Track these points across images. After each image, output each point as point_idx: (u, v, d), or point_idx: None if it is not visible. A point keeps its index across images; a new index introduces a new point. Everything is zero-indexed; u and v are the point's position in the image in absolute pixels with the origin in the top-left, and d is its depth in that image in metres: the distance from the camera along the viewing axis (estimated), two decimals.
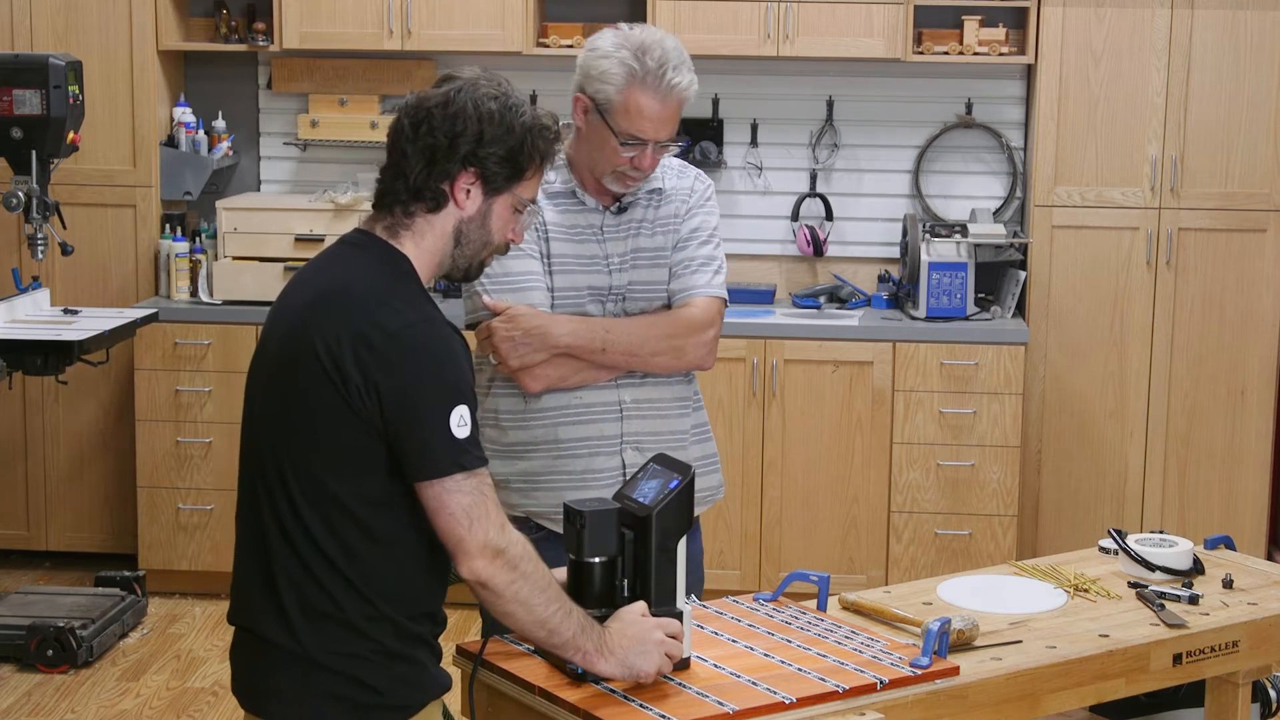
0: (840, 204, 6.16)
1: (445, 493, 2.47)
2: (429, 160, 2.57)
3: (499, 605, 2.52)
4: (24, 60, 5.30)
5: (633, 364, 3.21)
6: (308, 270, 2.67)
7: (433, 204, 2.59)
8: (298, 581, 2.50)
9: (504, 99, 2.60)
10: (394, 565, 2.52)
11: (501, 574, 2.48)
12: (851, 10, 5.75)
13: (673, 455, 3.18)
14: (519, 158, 2.60)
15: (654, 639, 2.60)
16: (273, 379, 2.57)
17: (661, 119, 3.15)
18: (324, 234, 5.78)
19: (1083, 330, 5.88)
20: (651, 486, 2.69)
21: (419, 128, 2.58)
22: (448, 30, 5.85)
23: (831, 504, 5.73)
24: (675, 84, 3.15)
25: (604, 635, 2.58)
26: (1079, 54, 5.79)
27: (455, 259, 2.64)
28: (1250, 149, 5.79)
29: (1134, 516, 5.90)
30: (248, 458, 2.60)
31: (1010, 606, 3.11)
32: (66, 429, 6.06)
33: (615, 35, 3.18)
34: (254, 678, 2.59)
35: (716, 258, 3.30)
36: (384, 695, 2.52)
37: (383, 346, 2.46)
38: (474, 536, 2.47)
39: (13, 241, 5.95)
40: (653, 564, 2.66)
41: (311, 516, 2.49)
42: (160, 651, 5.41)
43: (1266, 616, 3.11)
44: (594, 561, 2.66)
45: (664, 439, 3.25)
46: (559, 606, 2.54)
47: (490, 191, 2.61)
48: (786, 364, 5.68)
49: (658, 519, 2.64)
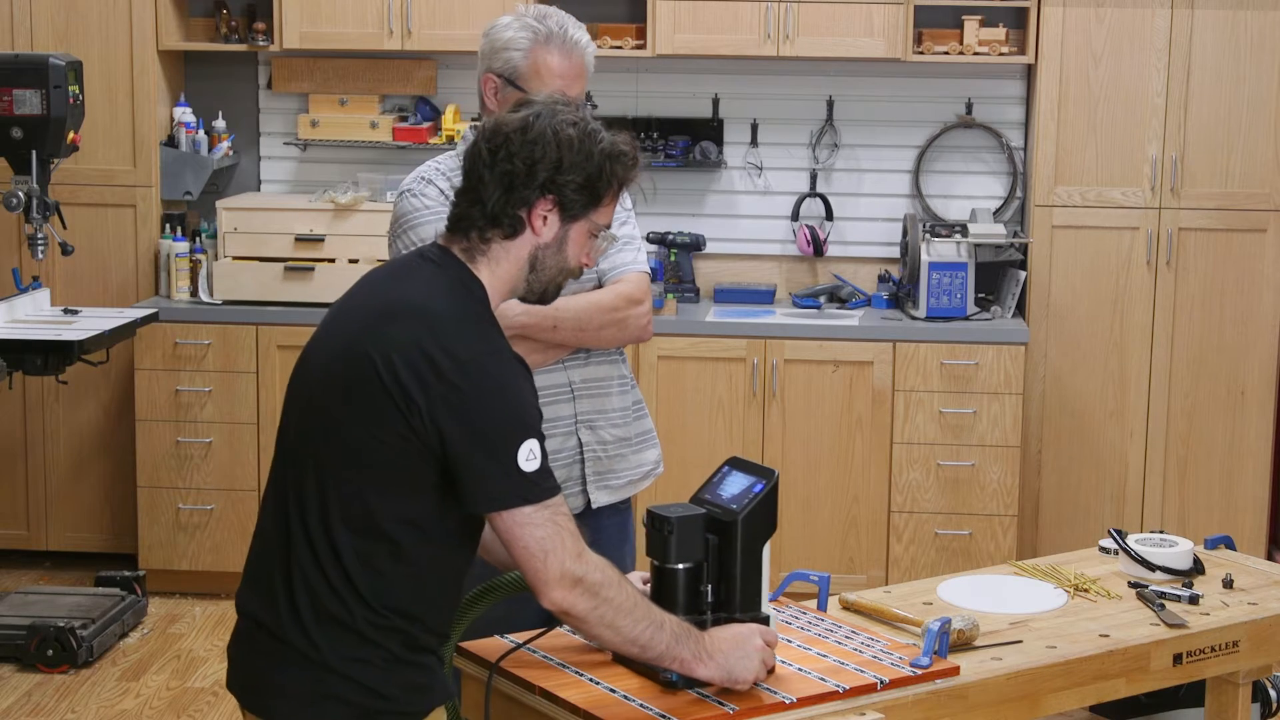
0: (840, 204, 6.16)
1: (517, 525, 2.44)
2: (507, 187, 2.54)
3: (586, 630, 2.51)
4: (24, 60, 5.30)
5: (582, 339, 3.28)
6: (381, 276, 2.62)
7: (510, 230, 2.56)
8: (313, 586, 2.48)
9: (582, 125, 2.57)
10: (412, 586, 2.50)
11: (583, 602, 2.46)
12: (851, 10, 5.75)
13: (619, 431, 3.34)
14: (597, 185, 2.58)
15: (755, 644, 2.59)
16: (327, 386, 2.52)
17: (570, 75, 3.26)
18: (324, 234, 5.79)
19: (1083, 330, 5.88)
20: (733, 489, 2.67)
21: (497, 154, 2.54)
22: (448, 30, 5.85)
23: (831, 504, 5.74)
24: (577, 40, 3.28)
25: (702, 641, 2.56)
26: (1079, 54, 5.79)
27: (530, 284, 2.62)
28: (1250, 149, 5.79)
29: (1134, 516, 5.90)
30: (286, 456, 2.57)
31: (1010, 606, 3.11)
32: (66, 429, 6.06)
33: (510, 14, 3.33)
34: (259, 675, 2.56)
35: (636, 236, 3.42)
36: (391, 701, 2.50)
37: (451, 373, 2.42)
38: (550, 568, 2.44)
39: (13, 241, 5.95)
40: (738, 569, 2.65)
41: (341, 528, 2.47)
42: (160, 651, 5.41)
43: (1266, 616, 3.11)
44: (679, 568, 2.64)
45: (611, 417, 3.36)
46: (649, 623, 2.52)
47: (567, 218, 2.58)
48: (786, 364, 5.68)
49: (744, 524, 2.63)
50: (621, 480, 3.37)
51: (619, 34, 5.91)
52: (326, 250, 5.79)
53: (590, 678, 2.63)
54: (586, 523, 3.32)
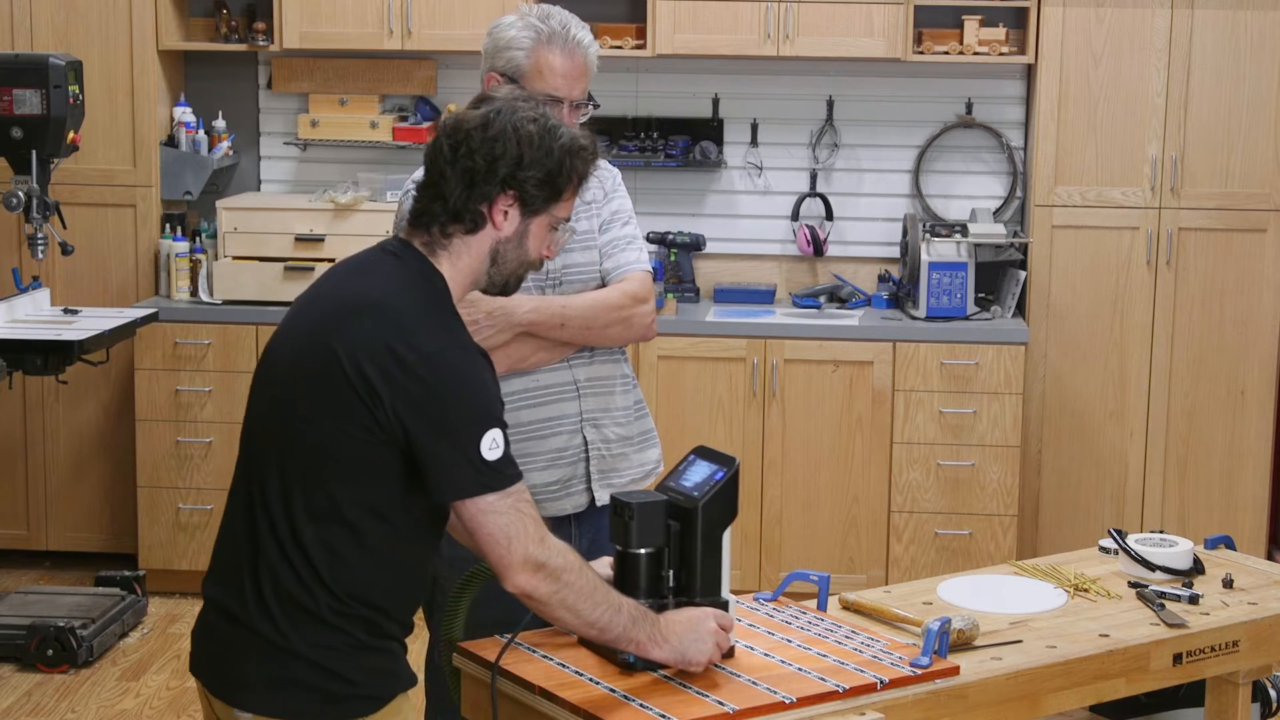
0: (840, 204, 6.16)
1: (480, 513, 2.49)
2: (468, 183, 2.58)
3: (547, 613, 2.57)
4: (24, 60, 5.30)
5: (588, 337, 3.31)
6: (343, 271, 2.66)
7: (471, 225, 2.60)
8: (278, 574, 2.52)
9: (542, 121, 2.61)
10: (376, 574, 2.54)
11: (545, 586, 2.52)
12: (851, 10, 5.75)
13: (622, 430, 3.35)
14: (557, 179, 2.62)
15: (708, 627, 2.64)
16: (291, 378, 2.57)
17: (572, 75, 3.26)
18: (324, 234, 5.79)
19: (1083, 330, 5.88)
20: (696, 477, 2.72)
21: (458, 150, 2.58)
22: (448, 30, 5.85)
23: (831, 504, 5.74)
24: (580, 40, 3.28)
25: (657, 624, 2.62)
26: (1079, 54, 5.79)
27: (491, 276, 2.66)
28: (1250, 149, 5.79)
29: (1134, 516, 5.90)
30: (251, 447, 2.61)
31: (1010, 606, 3.11)
32: (66, 429, 6.06)
33: (514, 13, 3.32)
34: (224, 662, 2.60)
35: (638, 236, 3.44)
36: (356, 686, 2.54)
37: (415, 367, 2.47)
38: (514, 554, 2.50)
39: (13, 241, 5.95)
40: (698, 555, 2.69)
41: (305, 517, 2.51)
42: (160, 651, 5.41)
43: (1266, 616, 3.11)
44: (641, 553, 2.69)
45: (615, 415, 3.38)
46: (607, 606, 2.58)
47: (528, 213, 2.62)
48: (786, 364, 5.68)
49: (704, 510, 2.68)
50: (624, 479, 3.38)
51: (619, 34, 5.91)
52: (326, 250, 5.79)
53: (590, 677, 2.64)
54: (589, 521, 3.34)
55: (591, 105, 3.32)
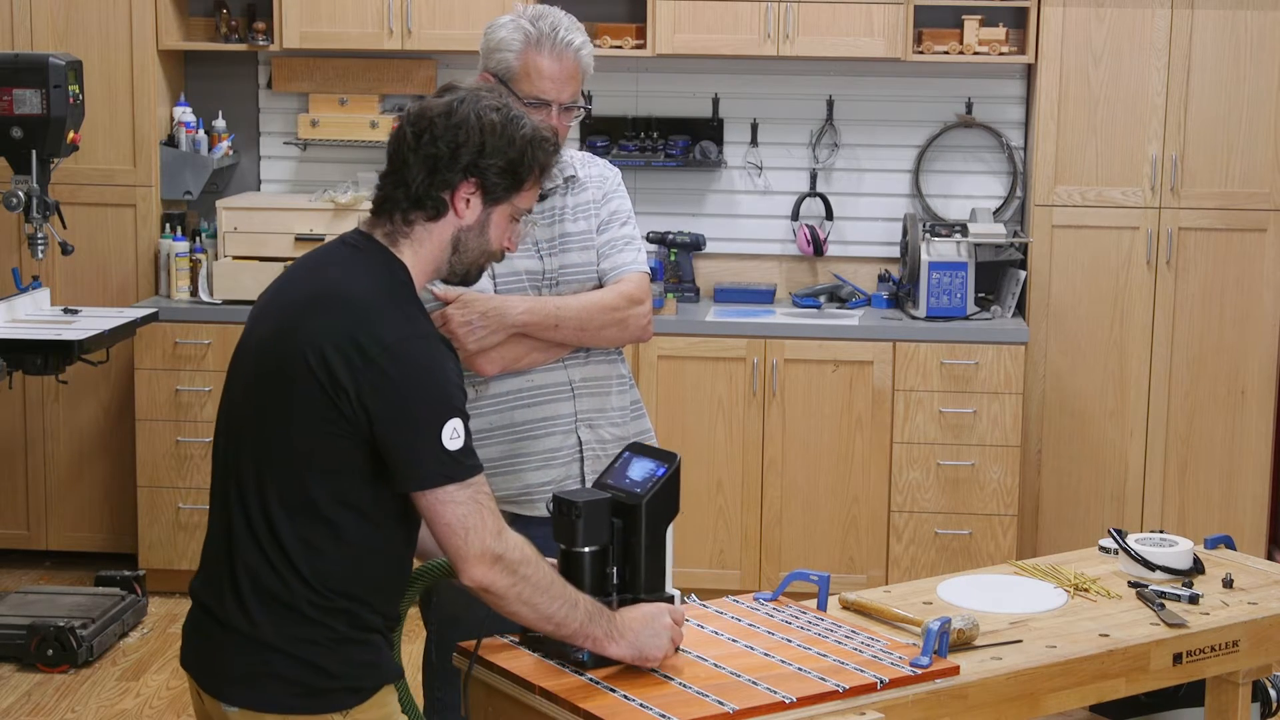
0: (840, 204, 6.16)
1: (439, 504, 2.50)
2: (430, 169, 2.61)
3: (503, 607, 2.57)
4: (24, 60, 5.30)
5: (583, 339, 3.30)
6: (302, 267, 2.68)
7: (433, 212, 2.63)
8: (255, 568, 2.53)
9: (505, 110, 2.64)
10: (353, 567, 2.55)
11: (502, 579, 2.52)
12: (851, 10, 5.75)
13: (618, 430, 3.36)
14: (519, 169, 2.64)
15: (664, 622, 2.66)
16: (258, 374, 2.59)
17: (561, 78, 3.25)
18: (324, 234, 5.78)
19: (1083, 330, 5.88)
20: (637, 474, 2.73)
21: (421, 137, 2.61)
22: (448, 30, 5.85)
23: (831, 504, 5.74)
24: (570, 42, 3.27)
25: (614, 620, 2.64)
26: (1079, 54, 5.79)
27: (453, 265, 2.68)
28: (1250, 149, 5.79)
29: (1134, 516, 5.90)
30: (225, 443, 2.63)
31: (1010, 606, 3.11)
32: (66, 429, 6.06)
33: (510, 13, 3.32)
34: (210, 658, 2.62)
35: (636, 236, 3.44)
36: (339, 678, 2.55)
37: (378, 358, 2.49)
38: (471, 545, 2.51)
39: (13, 241, 5.95)
40: (643, 551, 2.71)
41: (280, 512, 2.52)
42: (160, 651, 5.41)
43: (1266, 616, 3.11)
44: (586, 551, 2.69)
45: (610, 415, 3.38)
46: (564, 601, 2.59)
47: (490, 201, 2.65)
48: (786, 364, 5.68)
49: (648, 507, 2.69)
50: None
51: (619, 34, 5.91)
52: None
53: (590, 678, 2.64)
54: None
55: (581, 108, 3.31)
